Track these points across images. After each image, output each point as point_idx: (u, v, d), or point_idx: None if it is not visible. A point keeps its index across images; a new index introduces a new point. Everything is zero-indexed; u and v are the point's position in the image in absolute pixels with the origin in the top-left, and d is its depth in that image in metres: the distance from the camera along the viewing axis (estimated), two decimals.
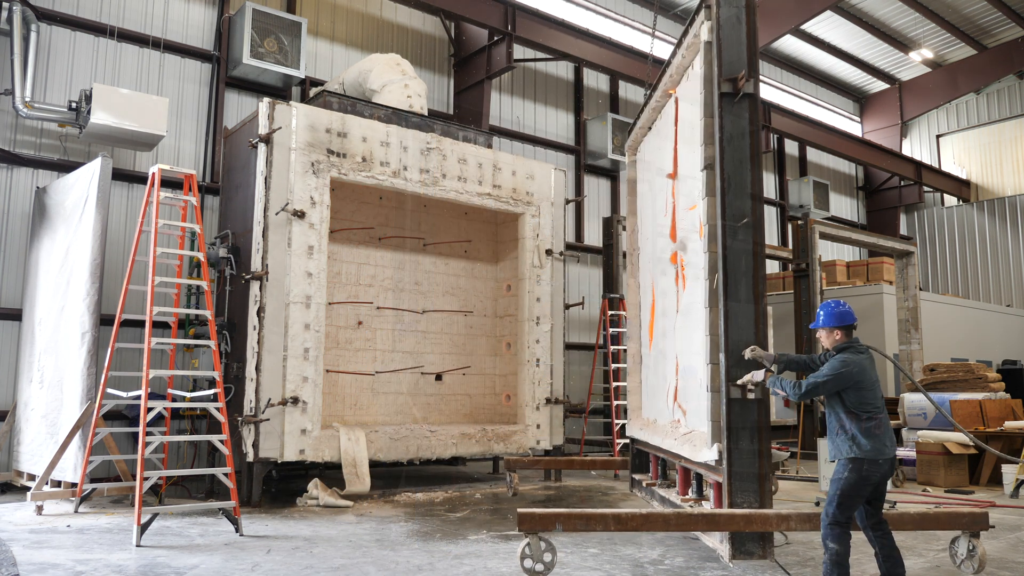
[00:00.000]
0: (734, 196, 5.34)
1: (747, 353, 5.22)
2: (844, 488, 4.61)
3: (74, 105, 9.31)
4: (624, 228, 12.08)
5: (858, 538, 5.05)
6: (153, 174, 7.51)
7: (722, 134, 5.39)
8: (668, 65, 6.99)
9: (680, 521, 5.10)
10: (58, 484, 7.82)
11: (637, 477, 8.19)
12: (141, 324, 8.59)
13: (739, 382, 5.23)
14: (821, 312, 5.02)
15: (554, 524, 4.96)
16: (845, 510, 4.62)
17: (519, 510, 5.13)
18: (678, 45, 6.67)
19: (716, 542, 5.46)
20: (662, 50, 15.00)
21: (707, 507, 5.96)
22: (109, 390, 7.61)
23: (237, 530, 6.55)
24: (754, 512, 5.02)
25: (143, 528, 6.12)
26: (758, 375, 5.14)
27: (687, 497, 6.37)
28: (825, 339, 5.02)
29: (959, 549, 5.45)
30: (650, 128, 8.13)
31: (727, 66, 5.45)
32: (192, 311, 8.00)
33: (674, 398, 6.81)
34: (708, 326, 5.37)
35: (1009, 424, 10.43)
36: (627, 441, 9.20)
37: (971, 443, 10.28)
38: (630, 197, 8.92)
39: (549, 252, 10.55)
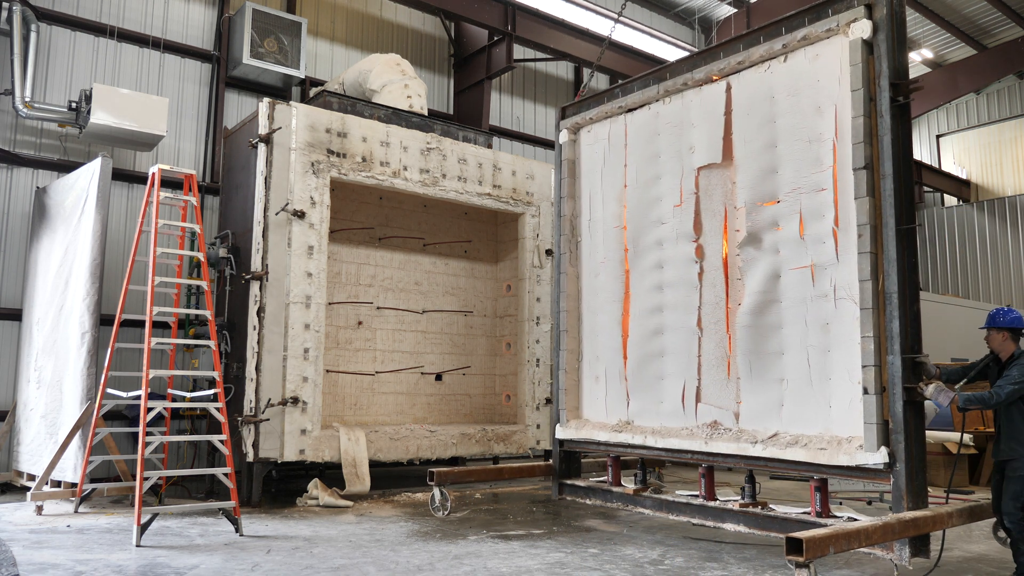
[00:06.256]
0: (896, 198, 5.50)
1: (927, 390, 5.25)
2: None
3: (74, 105, 9.31)
4: None
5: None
6: (153, 174, 7.51)
7: (892, 136, 5.55)
8: (722, 51, 6.87)
9: (903, 527, 5.03)
10: (58, 484, 7.82)
11: (581, 484, 7.74)
12: (141, 324, 8.60)
13: (928, 395, 5.26)
14: (1002, 317, 5.45)
15: (827, 548, 4.70)
16: None
17: (802, 536, 4.41)
18: (749, 33, 6.68)
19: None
20: (658, 48, 15.00)
21: (780, 511, 6.05)
22: (109, 390, 7.61)
23: (237, 530, 6.56)
24: (938, 513, 5.27)
25: (143, 528, 6.12)
26: (944, 397, 5.19)
27: (744, 502, 6.24)
28: (1006, 343, 5.46)
29: None
30: (630, 111, 7.84)
31: (890, 70, 5.61)
32: (192, 311, 8.00)
33: (696, 399, 6.87)
34: (873, 328, 5.49)
35: None
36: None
37: (971, 444, 10.31)
38: (569, 179, 8.44)
39: (549, 252, 10.54)
